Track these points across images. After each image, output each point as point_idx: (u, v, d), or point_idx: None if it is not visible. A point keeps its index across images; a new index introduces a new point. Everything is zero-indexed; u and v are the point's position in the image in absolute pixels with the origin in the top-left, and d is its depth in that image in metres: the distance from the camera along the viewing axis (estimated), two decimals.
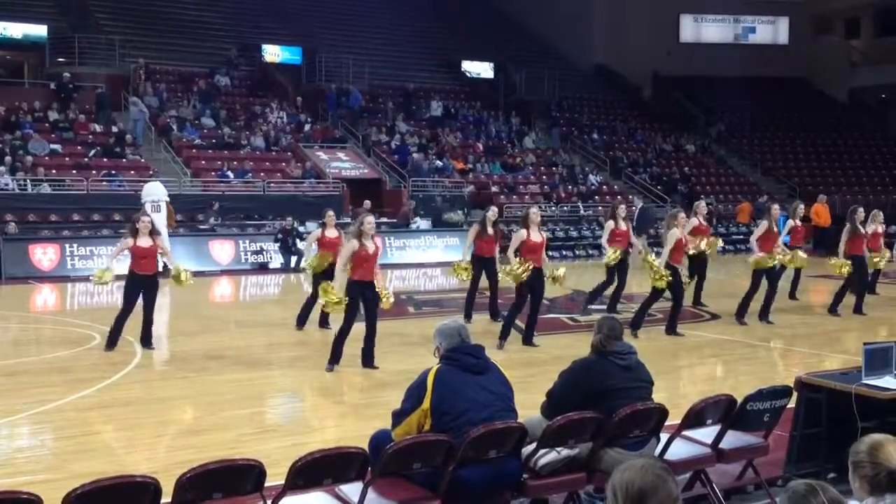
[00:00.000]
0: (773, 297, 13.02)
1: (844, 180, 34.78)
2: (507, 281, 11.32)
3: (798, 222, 13.98)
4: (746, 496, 5.71)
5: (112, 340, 10.64)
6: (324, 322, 12.15)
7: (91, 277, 10.92)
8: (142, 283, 10.68)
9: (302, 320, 12.28)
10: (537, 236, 10.99)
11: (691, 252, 12.93)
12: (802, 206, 14.05)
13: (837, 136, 37.61)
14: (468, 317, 12.86)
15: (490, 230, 12.81)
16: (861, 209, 13.87)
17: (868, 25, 39.67)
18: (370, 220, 9.83)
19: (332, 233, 12.04)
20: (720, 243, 14.56)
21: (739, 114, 37.43)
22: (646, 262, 12.66)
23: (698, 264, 13.76)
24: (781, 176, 34.88)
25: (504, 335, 11.00)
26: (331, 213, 12.47)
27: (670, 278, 11.48)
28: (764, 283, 12.79)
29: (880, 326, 12.77)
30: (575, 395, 5.10)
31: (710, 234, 14.55)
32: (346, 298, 9.50)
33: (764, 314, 12.87)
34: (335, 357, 9.70)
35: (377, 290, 9.80)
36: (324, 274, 11.38)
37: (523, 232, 10.89)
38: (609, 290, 13.71)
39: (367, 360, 9.79)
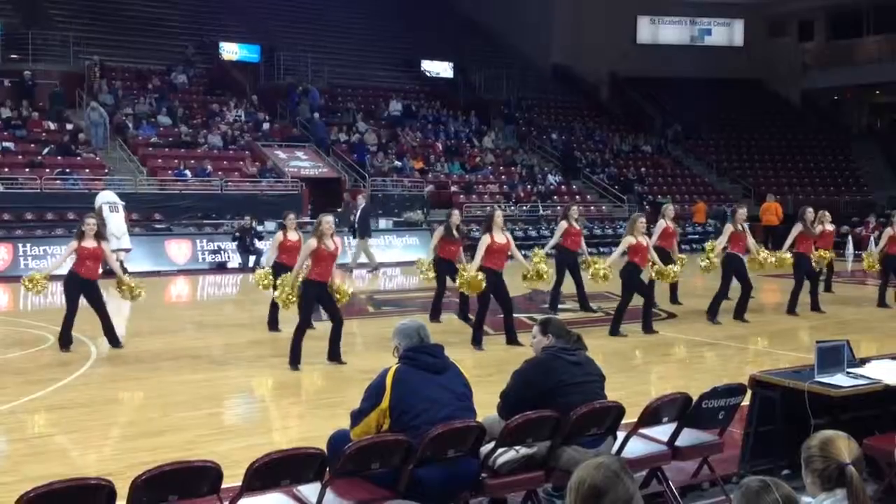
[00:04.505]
0: (748, 296, 13.19)
1: (797, 181, 35.35)
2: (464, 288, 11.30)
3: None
4: (702, 493, 5.78)
5: (64, 342, 10.55)
6: (273, 325, 12.08)
7: (23, 284, 10.75)
8: (80, 285, 10.50)
9: (273, 323, 12.10)
10: (501, 238, 10.96)
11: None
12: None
13: (791, 137, 38.18)
14: (435, 319, 12.84)
15: (455, 233, 12.80)
16: (810, 209, 14.09)
17: (821, 28, 40.29)
18: (328, 220, 9.85)
19: (293, 236, 11.78)
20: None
21: (695, 115, 37.84)
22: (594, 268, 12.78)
23: (668, 264, 13.87)
24: (736, 176, 35.36)
25: (477, 339, 10.93)
26: (292, 215, 12.15)
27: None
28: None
29: (834, 324, 12.98)
30: (529, 393, 5.14)
31: (677, 236, 14.60)
32: (300, 297, 9.58)
33: (739, 313, 13.01)
34: (295, 357, 9.68)
35: (334, 288, 9.88)
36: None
37: (487, 237, 10.86)
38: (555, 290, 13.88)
39: (334, 354, 9.85)
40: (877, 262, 14.89)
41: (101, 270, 10.91)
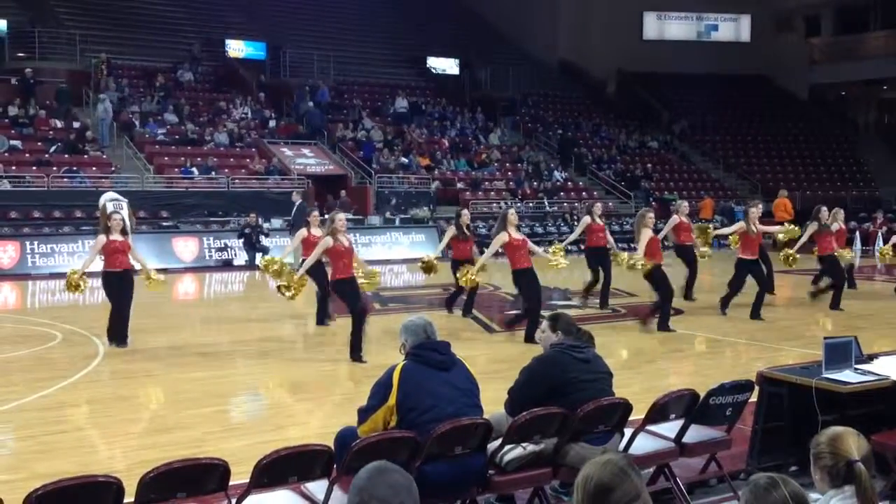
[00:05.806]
0: (764, 294, 13.12)
1: (805, 176, 35.26)
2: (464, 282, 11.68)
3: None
4: (709, 490, 5.76)
5: (119, 337, 10.66)
6: (321, 319, 12.21)
7: (69, 286, 10.84)
8: (117, 279, 10.68)
9: (322, 316, 12.26)
10: (518, 235, 11.21)
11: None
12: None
13: (798, 132, 38.08)
14: (468, 313, 13.11)
15: (466, 232, 13.12)
16: (825, 208, 14.05)
17: (827, 23, 40.18)
18: (341, 217, 10.13)
19: (317, 232, 12.01)
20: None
21: (702, 110, 37.77)
22: (620, 261, 12.79)
23: (688, 259, 13.92)
24: (743, 172, 35.28)
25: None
26: (315, 212, 12.77)
27: (649, 266, 11.62)
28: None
29: (842, 320, 12.93)
30: (537, 390, 5.13)
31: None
32: (299, 284, 10.25)
33: (755, 312, 12.85)
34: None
35: (362, 273, 10.27)
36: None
37: (504, 234, 11.03)
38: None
39: (355, 352, 9.82)
40: None
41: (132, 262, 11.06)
